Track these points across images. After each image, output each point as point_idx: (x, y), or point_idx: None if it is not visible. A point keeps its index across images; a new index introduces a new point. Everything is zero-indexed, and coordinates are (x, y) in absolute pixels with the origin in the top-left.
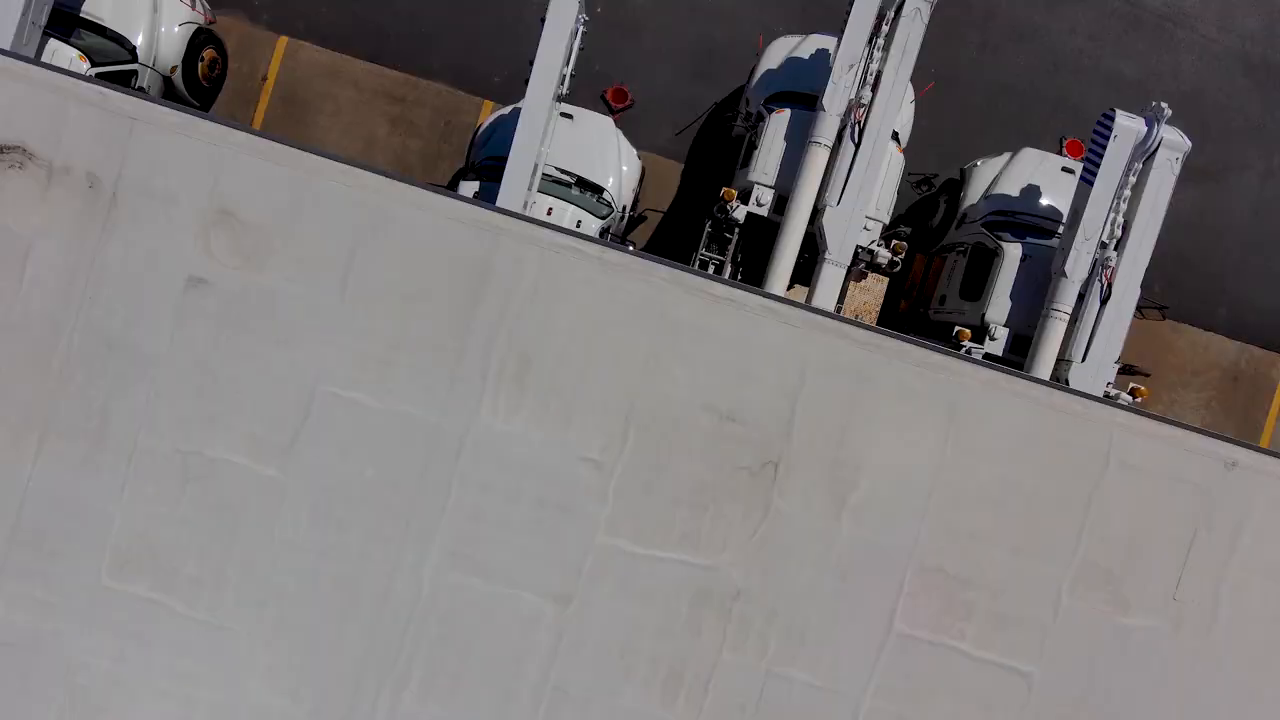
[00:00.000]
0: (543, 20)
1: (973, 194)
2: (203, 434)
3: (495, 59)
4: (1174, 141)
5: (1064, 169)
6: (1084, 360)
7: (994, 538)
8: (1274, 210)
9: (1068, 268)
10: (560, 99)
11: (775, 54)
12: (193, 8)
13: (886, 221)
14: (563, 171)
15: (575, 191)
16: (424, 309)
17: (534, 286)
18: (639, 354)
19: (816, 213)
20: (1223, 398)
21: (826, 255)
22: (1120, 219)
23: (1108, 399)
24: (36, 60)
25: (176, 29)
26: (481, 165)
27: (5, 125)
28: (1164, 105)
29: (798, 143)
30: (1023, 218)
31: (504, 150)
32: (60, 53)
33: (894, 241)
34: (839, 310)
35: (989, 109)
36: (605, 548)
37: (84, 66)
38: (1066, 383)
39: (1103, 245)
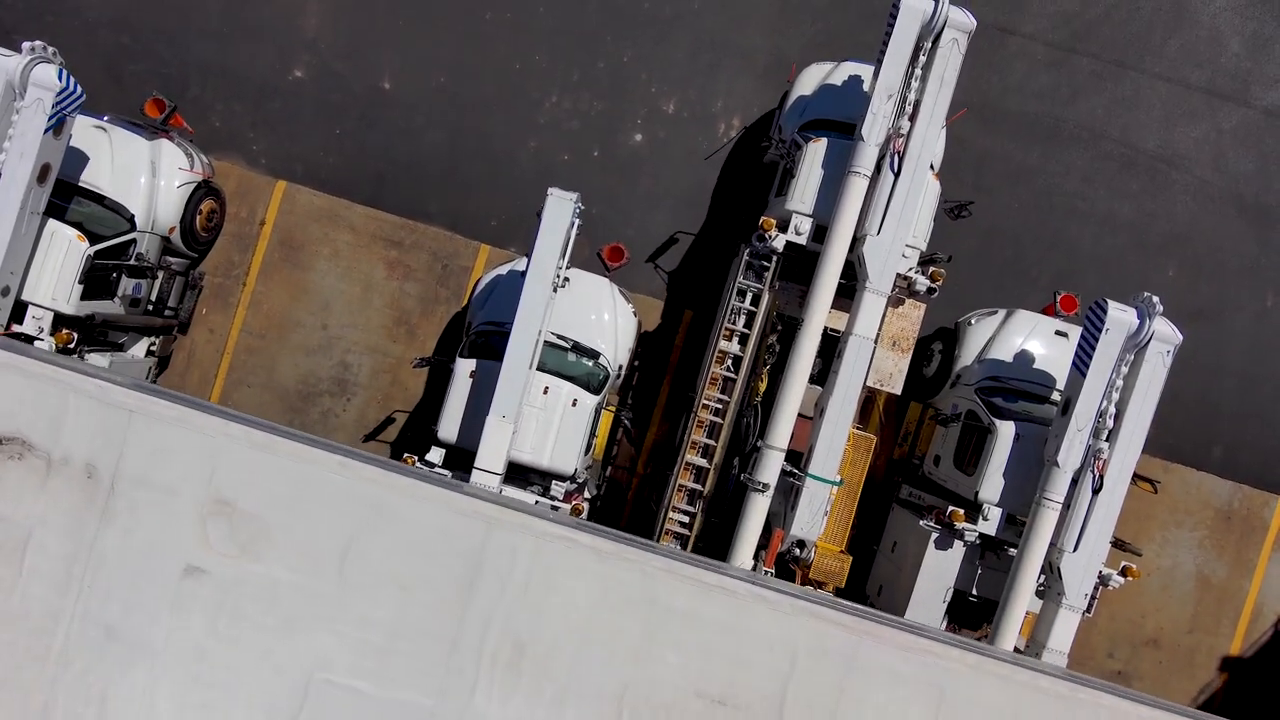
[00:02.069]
0: (539, 215)
1: (967, 354)
2: None
3: (492, 203)
4: (1166, 334)
5: (1058, 332)
6: (1076, 550)
7: None
8: (1267, 350)
9: (1060, 458)
10: (557, 290)
11: (808, 80)
12: (191, 168)
13: (923, 248)
14: (559, 337)
15: (571, 357)
16: (420, 597)
17: (528, 575)
18: (632, 640)
19: (855, 241)
20: (1216, 537)
21: (867, 284)
22: (1112, 408)
23: (1095, 681)
24: (36, 351)
25: (176, 189)
26: (478, 332)
27: (5, 417)
28: (1155, 299)
29: (835, 171)
30: (1016, 384)
31: (500, 315)
32: (59, 233)
33: (931, 269)
34: (877, 336)
35: (983, 251)
36: None
37: (83, 246)
38: (1059, 572)
39: (1095, 433)
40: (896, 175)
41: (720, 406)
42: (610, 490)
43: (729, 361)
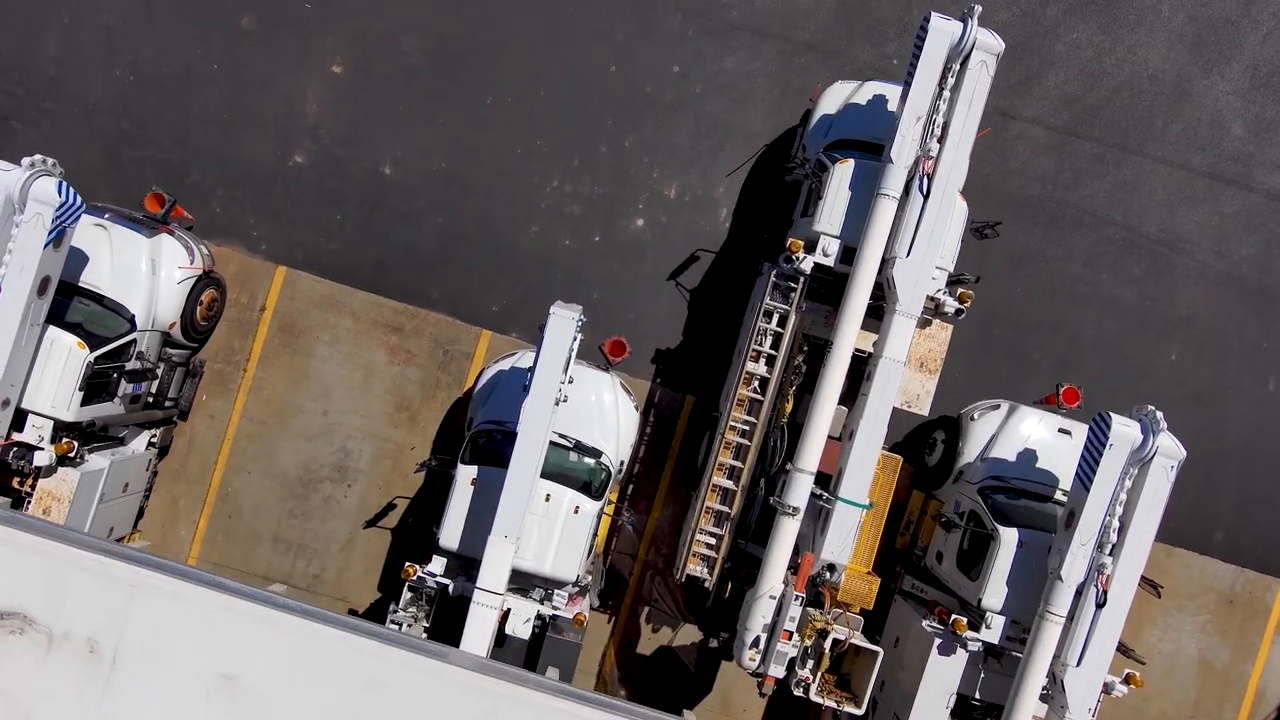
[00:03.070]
0: (542, 329)
1: (970, 450)
2: None
3: (493, 289)
4: (1169, 449)
5: (1061, 429)
6: (1079, 664)
7: None
8: (1269, 434)
9: (1064, 572)
10: (559, 404)
11: (832, 100)
12: (191, 262)
13: (951, 269)
14: (562, 436)
15: (573, 456)
16: None
17: None
18: None
19: (884, 263)
20: (1218, 621)
21: (897, 307)
22: (1116, 522)
23: None
24: (36, 523)
25: (177, 285)
26: (480, 432)
27: (5, 591)
28: (1159, 414)
29: (862, 192)
30: (1019, 483)
31: (502, 415)
32: (59, 341)
33: (960, 290)
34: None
35: (985, 335)
36: None
37: (83, 354)
38: (1062, 685)
39: (1099, 547)
40: (926, 197)
41: (747, 428)
42: (610, 578)
43: (755, 383)
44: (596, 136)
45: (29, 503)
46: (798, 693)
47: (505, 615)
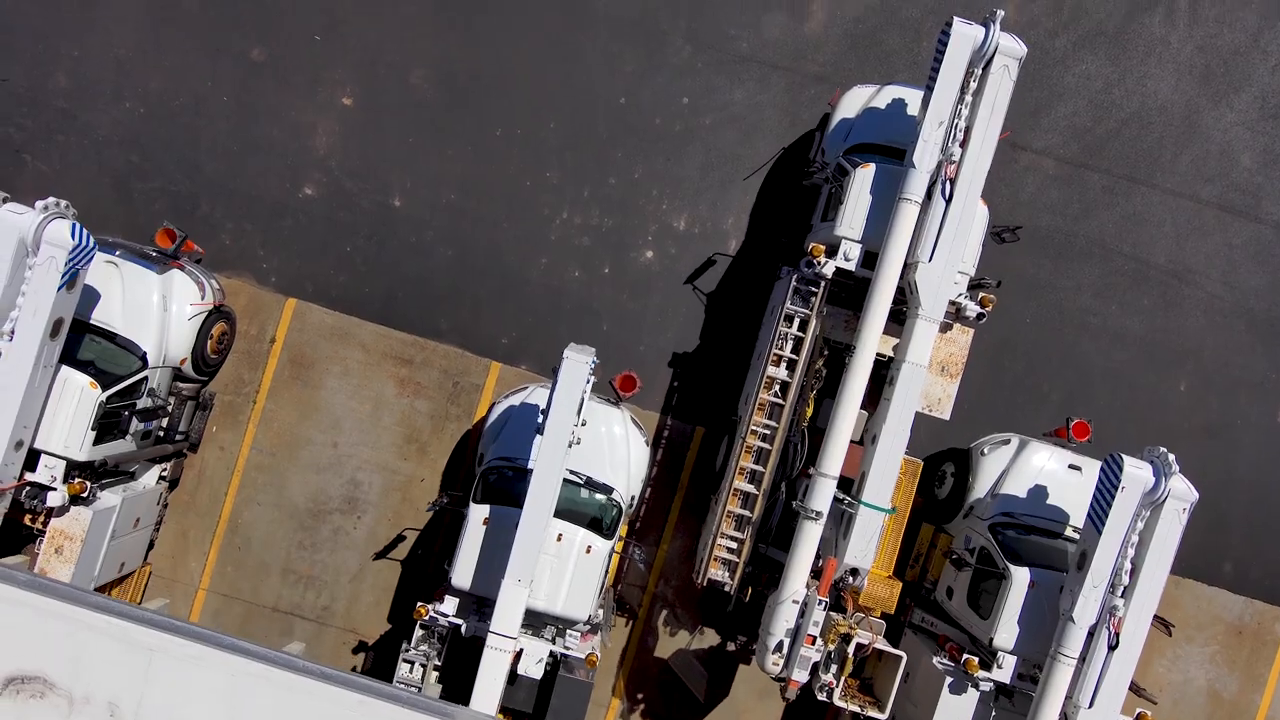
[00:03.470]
0: (555, 371)
1: (980, 486)
2: None
3: (502, 321)
4: (1181, 492)
5: (1071, 465)
6: (1091, 706)
7: None
8: (1278, 465)
9: (1075, 614)
10: (572, 446)
11: (851, 103)
12: (202, 298)
13: (972, 274)
14: (573, 472)
15: (584, 493)
16: None
17: None
18: None
19: (906, 267)
20: (1227, 652)
21: (920, 311)
22: (1128, 564)
23: None
24: (56, 587)
25: (188, 321)
26: (491, 469)
27: (27, 655)
28: (1170, 456)
29: (884, 197)
30: (1029, 520)
31: (513, 451)
32: (71, 381)
33: (981, 295)
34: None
35: (995, 366)
36: None
37: (95, 394)
38: None
39: (1111, 588)
40: (948, 202)
41: (768, 432)
42: (620, 609)
43: (776, 387)
44: (606, 168)
45: (41, 541)
46: (821, 697)
47: (517, 656)
